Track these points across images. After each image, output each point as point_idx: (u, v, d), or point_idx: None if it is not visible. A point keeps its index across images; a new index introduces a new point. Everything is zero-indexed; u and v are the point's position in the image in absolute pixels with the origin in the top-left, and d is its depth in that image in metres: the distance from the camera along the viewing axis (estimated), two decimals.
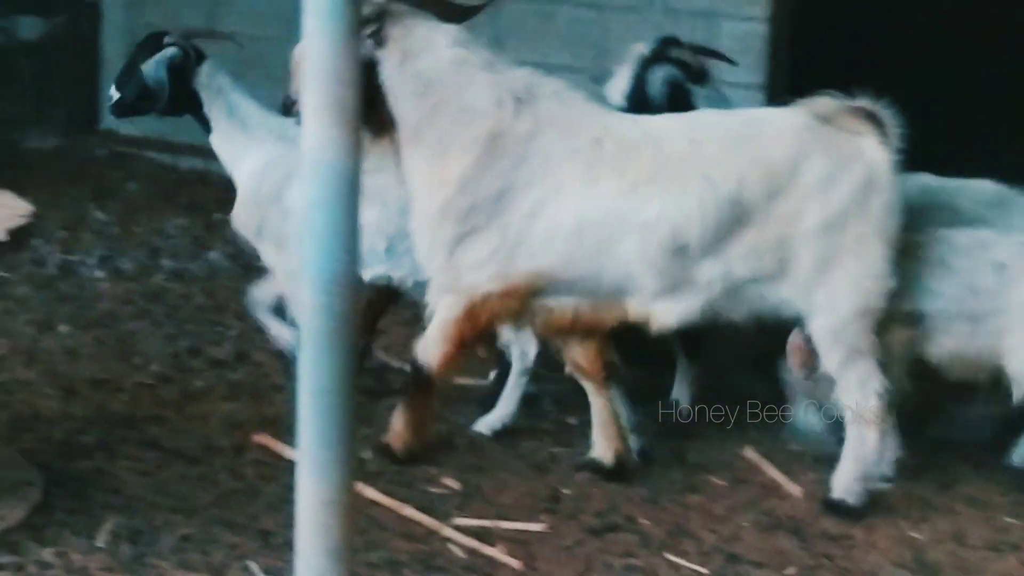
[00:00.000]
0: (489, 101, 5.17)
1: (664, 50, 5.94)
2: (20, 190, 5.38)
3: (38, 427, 6.02)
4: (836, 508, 5.43)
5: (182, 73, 5.91)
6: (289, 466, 5.12)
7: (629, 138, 5.16)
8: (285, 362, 6.26)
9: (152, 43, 6.00)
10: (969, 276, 5.44)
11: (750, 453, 6.02)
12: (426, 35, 5.21)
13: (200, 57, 6.02)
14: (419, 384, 5.47)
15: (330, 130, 3.10)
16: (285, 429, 5.62)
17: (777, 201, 5.10)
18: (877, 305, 5.21)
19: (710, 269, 5.13)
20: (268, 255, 6.02)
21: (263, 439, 5.87)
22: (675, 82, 5.85)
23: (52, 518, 5.15)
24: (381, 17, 5.16)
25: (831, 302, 5.16)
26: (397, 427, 5.61)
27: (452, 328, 5.28)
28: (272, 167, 5.92)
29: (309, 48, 3.08)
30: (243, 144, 5.93)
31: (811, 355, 5.42)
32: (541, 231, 5.16)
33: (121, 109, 6.13)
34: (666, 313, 5.19)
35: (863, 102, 5.21)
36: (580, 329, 5.31)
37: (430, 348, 5.36)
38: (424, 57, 5.19)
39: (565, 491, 5.75)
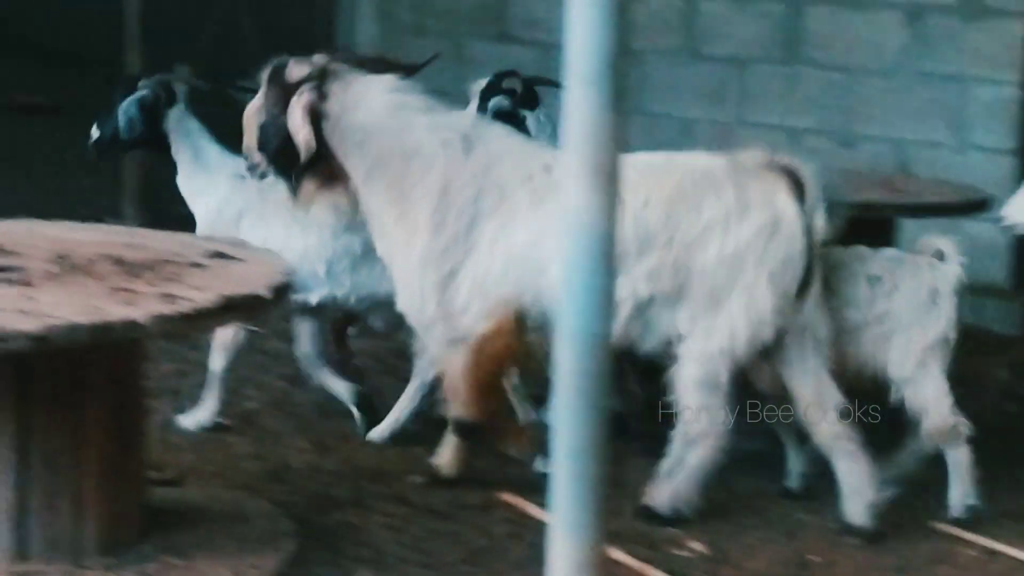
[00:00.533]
0: (436, 142, 5.36)
1: (498, 82, 6.43)
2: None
3: (291, 479, 6.16)
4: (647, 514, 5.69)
5: (153, 114, 6.19)
6: (536, 525, 5.22)
7: None
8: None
9: (128, 85, 6.36)
10: (847, 289, 5.72)
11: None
12: (362, 88, 5.42)
13: (171, 100, 6.27)
14: (464, 435, 5.72)
15: (589, 193, 3.13)
16: (531, 487, 5.69)
17: (679, 229, 5.27)
18: (744, 351, 5.34)
19: (621, 288, 5.16)
20: None
21: (510, 497, 5.92)
22: (503, 109, 6.26)
23: (306, 570, 5.26)
24: (322, 74, 5.40)
25: (706, 333, 5.28)
26: (444, 452, 5.87)
27: (467, 378, 5.42)
28: (227, 204, 6.19)
29: (571, 113, 3.13)
30: (203, 184, 6.22)
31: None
32: (501, 257, 5.32)
33: (99, 147, 6.43)
34: None
35: (786, 159, 5.39)
36: (542, 363, 5.30)
37: (461, 405, 5.53)
38: (361, 108, 5.40)
39: (813, 558, 5.68)
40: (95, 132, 6.43)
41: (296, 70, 5.44)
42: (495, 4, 10.22)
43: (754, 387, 5.74)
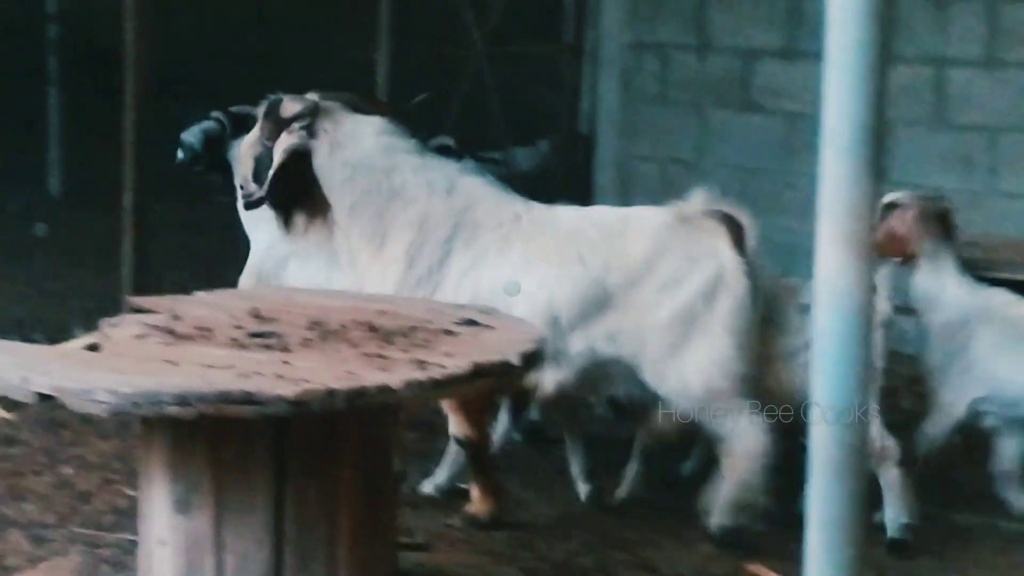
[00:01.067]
0: (421, 182, 5.72)
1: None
2: None
3: (537, 546, 6.16)
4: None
5: (218, 143, 6.51)
6: None
7: (539, 219, 5.76)
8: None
9: (201, 116, 6.76)
10: (780, 318, 6.00)
11: None
12: (353, 127, 5.76)
13: (238, 131, 6.44)
14: (474, 456, 5.98)
15: (845, 261, 3.11)
16: (775, 556, 5.62)
17: (635, 290, 5.60)
18: (726, 385, 5.62)
19: (577, 343, 5.62)
20: None
21: (756, 568, 5.86)
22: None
23: None
24: (313, 112, 5.71)
25: (684, 385, 5.62)
26: (475, 496, 6.05)
27: (454, 401, 5.78)
28: (276, 246, 6.41)
29: (827, 182, 3.11)
30: (256, 218, 6.38)
31: None
32: (468, 293, 5.66)
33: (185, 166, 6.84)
34: (548, 381, 5.71)
35: (724, 206, 5.68)
36: (489, 396, 5.86)
37: (456, 424, 5.88)
38: (351, 147, 5.74)
39: None
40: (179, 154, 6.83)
41: (290, 107, 5.73)
42: (739, 74, 10.20)
43: None
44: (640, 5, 10.66)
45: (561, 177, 11.39)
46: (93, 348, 4.80)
